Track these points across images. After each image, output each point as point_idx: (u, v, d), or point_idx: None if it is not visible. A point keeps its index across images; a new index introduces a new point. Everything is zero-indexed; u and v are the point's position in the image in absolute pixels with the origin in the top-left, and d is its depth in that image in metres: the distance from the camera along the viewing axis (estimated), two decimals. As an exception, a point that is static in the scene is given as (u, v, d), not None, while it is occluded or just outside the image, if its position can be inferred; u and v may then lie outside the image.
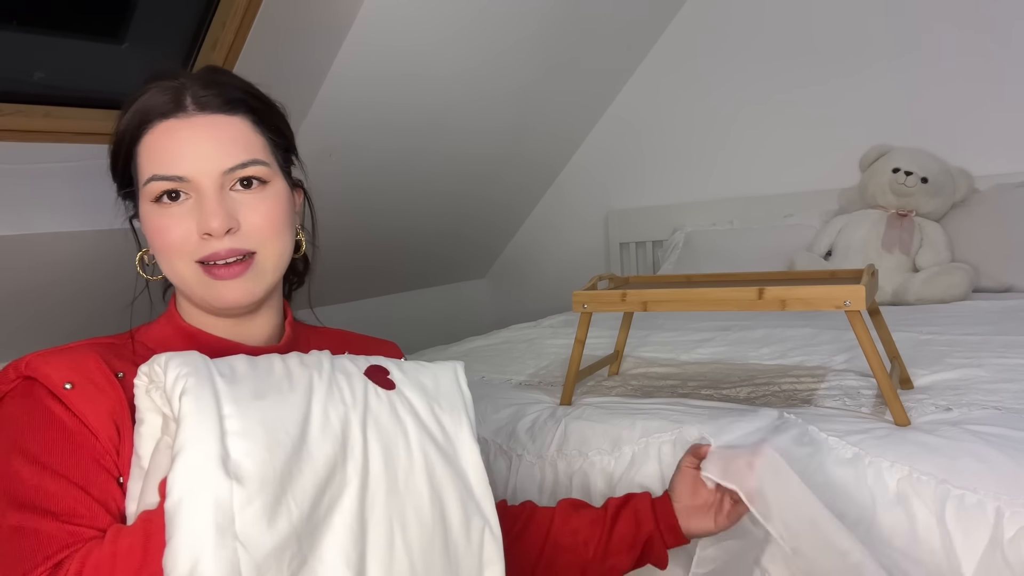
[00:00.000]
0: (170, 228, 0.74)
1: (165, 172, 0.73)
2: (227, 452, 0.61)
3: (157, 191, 0.74)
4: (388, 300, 3.11)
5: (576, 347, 1.31)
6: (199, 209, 0.74)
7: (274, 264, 0.78)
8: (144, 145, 0.75)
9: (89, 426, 0.67)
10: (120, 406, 0.69)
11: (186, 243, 0.74)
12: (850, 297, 1.04)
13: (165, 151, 0.74)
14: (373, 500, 0.68)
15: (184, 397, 0.62)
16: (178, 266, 0.75)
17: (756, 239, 2.61)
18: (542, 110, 2.85)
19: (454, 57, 2.28)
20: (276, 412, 0.65)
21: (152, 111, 0.75)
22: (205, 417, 0.62)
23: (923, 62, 2.50)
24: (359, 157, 2.33)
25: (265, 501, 0.61)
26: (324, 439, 0.67)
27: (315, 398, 0.69)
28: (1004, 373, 1.24)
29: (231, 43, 1.97)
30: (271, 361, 0.71)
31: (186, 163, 0.73)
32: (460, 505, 0.74)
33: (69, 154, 1.77)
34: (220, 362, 0.68)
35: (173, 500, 0.59)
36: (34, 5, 1.67)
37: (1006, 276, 2.15)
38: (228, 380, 0.65)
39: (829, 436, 1.01)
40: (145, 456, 0.66)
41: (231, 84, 0.78)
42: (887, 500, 0.92)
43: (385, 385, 0.75)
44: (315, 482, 0.65)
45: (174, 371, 0.64)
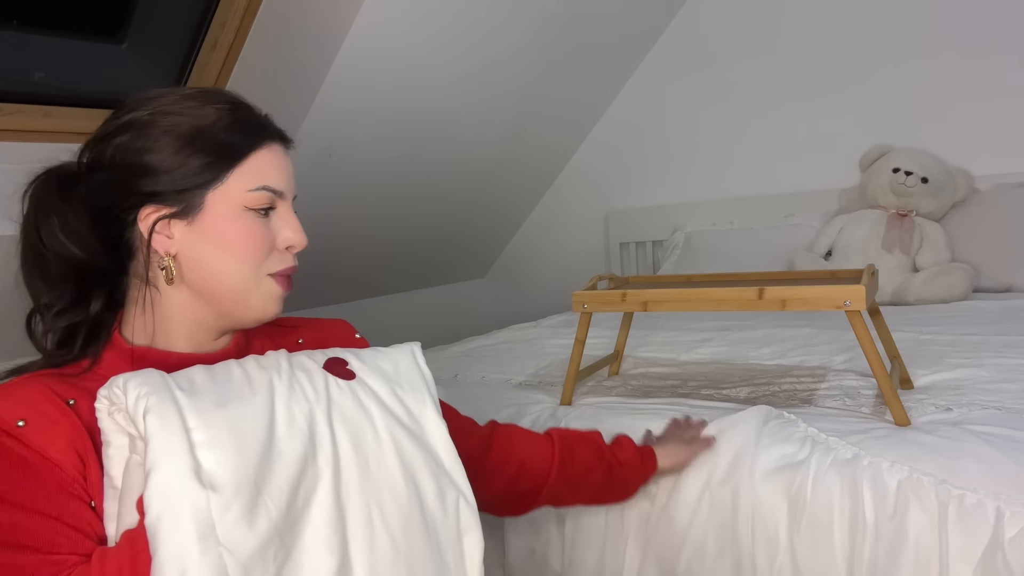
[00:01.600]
0: (263, 235, 0.78)
1: (276, 187, 0.79)
2: (198, 463, 0.63)
3: (263, 200, 0.78)
4: (388, 300, 3.11)
5: (576, 347, 1.31)
6: (283, 224, 0.80)
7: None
8: (257, 157, 0.79)
9: (50, 458, 0.67)
10: (77, 433, 0.69)
11: (267, 252, 0.79)
12: (850, 297, 1.04)
13: (275, 170, 0.80)
14: (348, 487, 0.71)
15: (148, 416, 0.63)
16: (250, 271, 0.78)
17: (756, 239, 2.61)
18: (542, 110, 2.85)
19: (453, 56, 2.28)
20: (241, 417, 0.67)
21: (267, 131, 0.81)
22: (172, 432, 0.63)
23: (923, 62, 2.49)
24: (359, 156, 2.33)
25: (243, 505, 0.63)
26: (292, 436, 0.69)
27: (278, 398, 0.71)
28: (1004, 373, 1.24)
29: (231, 43, 1.97)
30: (228, 368, 0.73)
31: (285, 183, 0.81)
32: (433, 479, 0.77)
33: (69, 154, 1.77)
34: (177, 376, 0.69)
35: (152, 516, 0.60)
36: (34, 5, 1.67)
37: (1006, 276, 2.15)
38: (188, 393, 0.67)
39: (829, 436, 1.01)
40: (117, 476, 0.67)
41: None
42: (887, 500, 0.92)
43: (345, 376, 0.77)
44: (288, 479, 0.67)
45: (134, 391, 0.65)
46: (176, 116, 0.76)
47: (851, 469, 0.95)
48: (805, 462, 0.98)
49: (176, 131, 0.76)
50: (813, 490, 0.96)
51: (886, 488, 0.92)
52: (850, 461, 0.96)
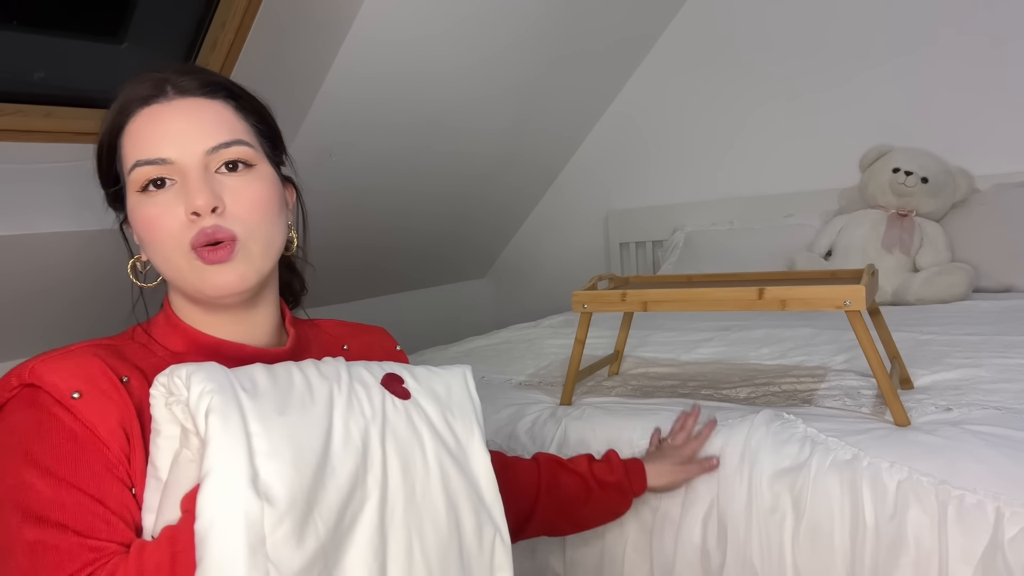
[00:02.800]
0: (159, 216, 0.72)
1: (149, 156, 0.72)
2: (256, 472, 0.61)
3: (143, 178, 0.72)
4: (388, 300, 3.11)
5: (576, 347, 1.31)
6: (185, 191, 0.72)
7: (263, 248, 0.76)
8: (127, 135, 0.74)
9: (100, 436, 0.65)
10: (128, 413, 0.67)
11: (175, 228, 0.72)
12: (850, 297, 1.04)
13: (148, 136, 0.72)
14: (392, 511, 0.69)
15: (211, 416, 0.61)
16: (172, 256, 0.73)
17: (756, 239, 2.61)
18: (542, 109, 2.85)
19: (453, 56, 2.28)
20: (300, 428, 0.65)
21: (132, 100, 0.74)
22: (233, 437, 0.61)
23: (923, 62, 2.49)
24: (359, 157, 2.33)
25: (294, 521, 0.61)
26: (346, 454, 0.67)
27: (336, 412, 0.69)
28: (1004, 373, 1.24)
29: (231, 43, 1.97)
30: (290, 372, 0.70)
31: (169, 146, 0.72)
32: (473, 513, 0.75)
33: (69, 154, 1.77)
34: (240, 374, 0.67)
35: (204, 522, 0.58)
36: (34, 5, 1.67)
37: (1006, 276, 2.15)
38: (251, 395, 0.65)
39: (829, 437, 1.01)
40: (162, 467, 0.65)
41: (210, 72, 0.79)
42: (887, 501, 0.91)
43: (401, 394, 0.75)
44: (339, 498, 0.65)
45: (198, 387, 0.63)
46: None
47: (851, 470, 0.95)
48: (805, 463, 0.98)
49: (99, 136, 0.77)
50: (813, 491, 0.96)
51: (886, 489, 0.92)
52: (850, 462, 0.96)
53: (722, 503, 1.02)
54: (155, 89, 0.74)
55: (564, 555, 1.16)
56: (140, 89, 0.74)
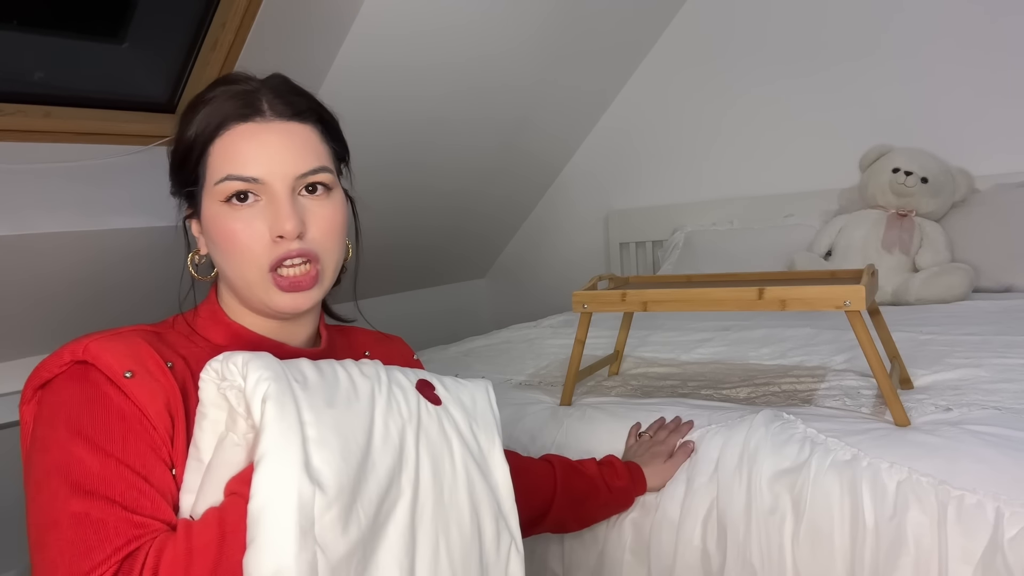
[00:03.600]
0: (242, 231, 0.74)
1: (240, 173, 0.74)
2: (309, 458, 0.63)
3: (230, 190, 0.74)
4: (388, 300, 3.11)
5: (576, 347, 1.31)
6: (272, 212, 0.75)
7: (332, 271, 0.81)
8: (218, 146, 0.76)
9: (148, 416, 0.67)
10: (174, 396, 0.69)
11: (257, 245, 0.75)
12: (850, 297, 1.04)
13: (241, 153, 0.75)
14: (422, 511, 0.71)
15: (268, 403, 0.63)
16: (247, 271, 0.75)
17: (756, 239, 2.61)
18: (542, 110, 2.85)
19: (453, 55, 2.28)
20: (347, 421, 0.67)
21: (229, 114, 0.76)
22: (288, 424, 0.63)
23: (923, 63, 2.49)
24: (359, 155, 2.32)
25: (341, 508, 0.63)
26: (385, 450, 0.69)
27: (377, 410, 0.71)
28: (1004, 373, 1.24)
29: (231, 43, 1.97)
30: (334, 369, 0.73)
31: (261, 165, 0.74)
32: (493, 521, 0.77)
33: (69, 154, 1.77)
34: (290, 367, 0.69)
35: (258, 502, 0.60)
36: (34, 5, 1.67)
37: (1006, 276, 2.15)
38: (303, 386, 0.67)
39: (828, 437, 1.01)
40: (205, 449, 0.66)
41: (302, 94, 0.82)
42: (887, 501, 0.91)
43: (433, 400, 0.78)
44: (378, 491, 0.67)
45: (255, 373, 0.65)
46: (181, 119, 0.79)
47: (850, 470, 0.95)
48: (805, 463, 0.98)
49: (177, 134, 0.79)
50: (813, 491, 0.96)
51: (885, 489, 0.92)
52: (849, 462, 0.96)
53: (722, 504, 1.02)
54: (251, 107, 0.76)
55: (563, 556, 1.16)
56: (235, 103, 0.76)
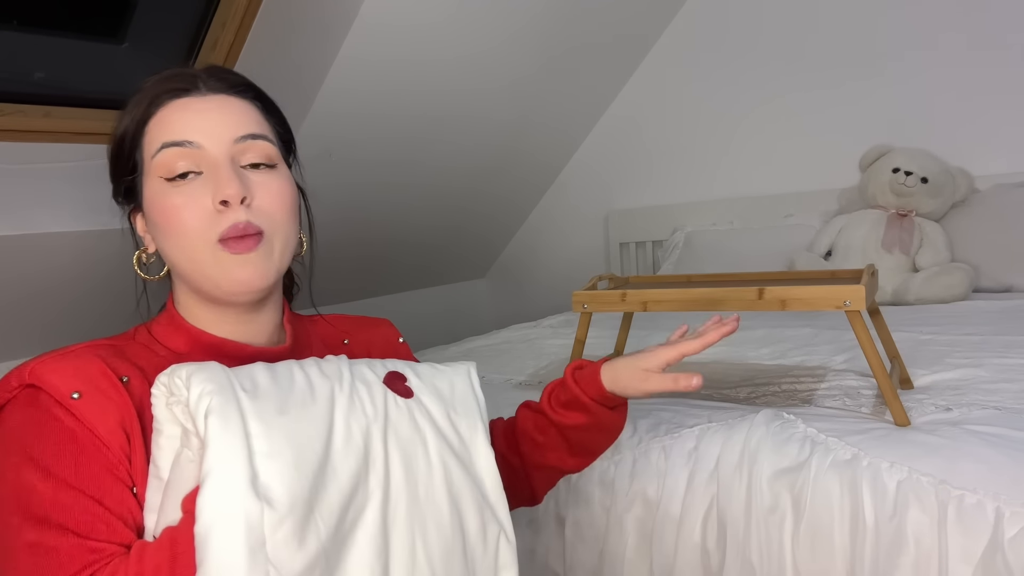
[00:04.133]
0: (183, 206, 0.71)
1: (176, 138, 0.72)
2: (256, 473, 0.60)
3: (168, 163, 0.72)
4: (388, 300, 3.11)
5: (576, 347, 1.31)
6: (213, 181, 0.72)
7: (281, 248, 0.76)
8: (154, 123, 0.74)
9: (99, 436, 0.65)
10: (128, 413, 0.67)
11: (201, 219, 0.71)
12: (850, 297, 1.04)
13: (177, 122, 0.73)
14: (395, 512, 0.69)
15: (210, 417, 0.61)
16: (194, 248, 0.72)
17: (756, 239, 2.61)
18: (542, 110, 2.85)
19: (453, 56, 2.28)
20: (301, 428, 0.65)
21: (163, 92, 0.75)
22: (232, 438, 0.61)
23: (923, 62, 2.49)
24: (359, 156, 2.33)
25: (294, 522, 0.61)
26: (347, 454, 0.67)
27: (337, 411, 0.68)
28: (1004, 373, 1.24)
29: (231, 43, 1.97)
30: (291, 371, 0.70)
31: (198, 132, 0.73)
32: (477, 512, 0.74)
33: (69, 154, 1.77)
34: (241, 373, 0.66)
35: (204, 524, 0.58)
36: (34, 5, 1.67)
37: (1006, 276, 2.15)
38: (251, 395, 0.64)
39: (828, 437, 1.01)
40: (164, 467, 0.65)
41: (239, 75, 0.80)
42: (887, 501, 0.91)
43: (403, 393, 0.75)
44: (340, 499, 0.65)
45: (197, 387, 0.63)
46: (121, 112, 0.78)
47: (851, 470, 0.95)
48: (805, 463, 0.98)
49: (116, 126, 0.77)
50: (813, 491, 0.96)
51: (886, 489, 0.92)
52: (849, 462, 0.96)
53: (722, 503, 1.02)
54: (187, 83, 0.75)
55: (564, 555, 1.16)
56: (171, 83, 0.75)
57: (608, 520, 1.12)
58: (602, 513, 1.13)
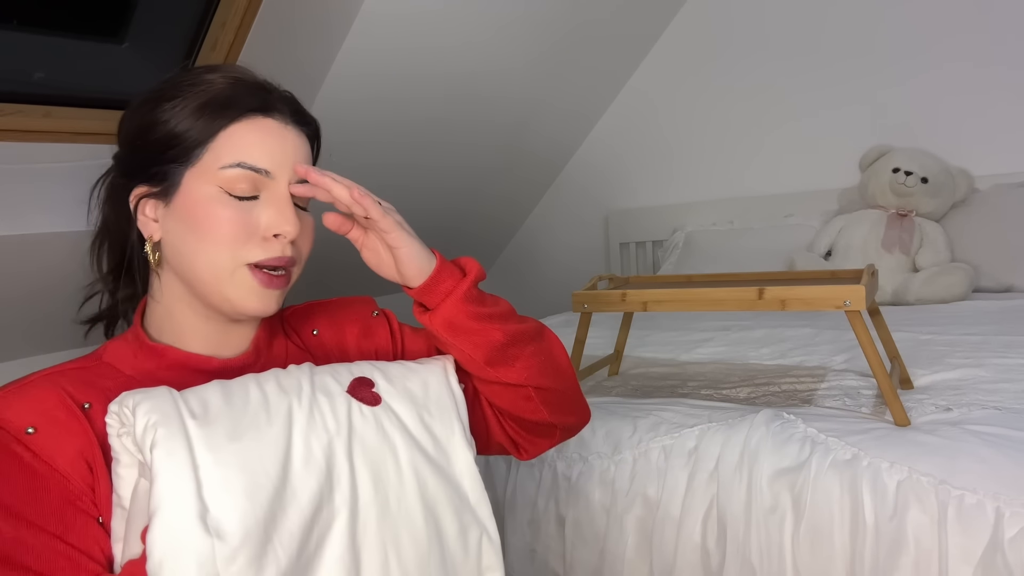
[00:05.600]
0: (234, 219, 0.71)
1: (255, 163, 0.72)
2: (205, 507, 0.59)
3: (237, 179, 0.72)
4: (388, 300, 3.10)
5: (576, 347, 1.31)
6: (274, 209, 0.73)
7: (296, 279, 0.79)
8: (232, 132, 0.73)
9: (59, 469, 0.64)
10: (89, 442, 0.65)
11: (242, 239, 0.72)
12: (850, 297, 1.04)
13: (257, 145, 0.73)
14: (365, 527, 0.67)
15: (155, 450, 0.59)
16: (223, 260, 0.71)
17: (756, 239, 2.61)
18: (542, 110, 2.85)
19: (453, 55, 2.28)
20: (254, 453, 0.63)
21: (249, 104, 0.74)
22: (179, 471, 0.59)
23: (923, 62, 2.49)
24: (359, 157, 2.33)
25: (249, 554, 0.59)
26: (308, 473, 0.65)
27: (295, 429, 0.66)
28: (1004, 373, 1.24)
29: (231, 43, 1.97)
30: (246, 389, 0.68)
31: (275, 161, 0.73)
32: (455, 517, 0.73)
33: (69, 154, 1.77)
34: (191, 397, 0.64)
35: (155, 561, 0.57)
36: (34, 5, 1.67)
37: (1006, 276, 2.15)
38: (201, 421, 0.62)
39: (828, 437, 1.01)
40: (125, 497, 0.64)
41: (302, 107, 0.82)
42: (887, 501, 0.91)
43: (370, 400, 0.72)
44: (301, 522, 0.63)
45: (143, 419, 0.61)
46: (173, 91, 0.74)
47: (851, 470, 0.95)
48: (805, 463, 0.98)
49: (164, 106, 0.73)
50: (813, 491, 0.96)
51: (886, 489, 0.92)
52: (849, 462, 0.96)
53: (722, 503, 1.02)
54: (265, 102, 0.75)
55: (564, 555, 1.16)
56: (256, 96, 0.75)
57: (608, 520, 1.12)
58: (602, 513, 1.13)
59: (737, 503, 1.01)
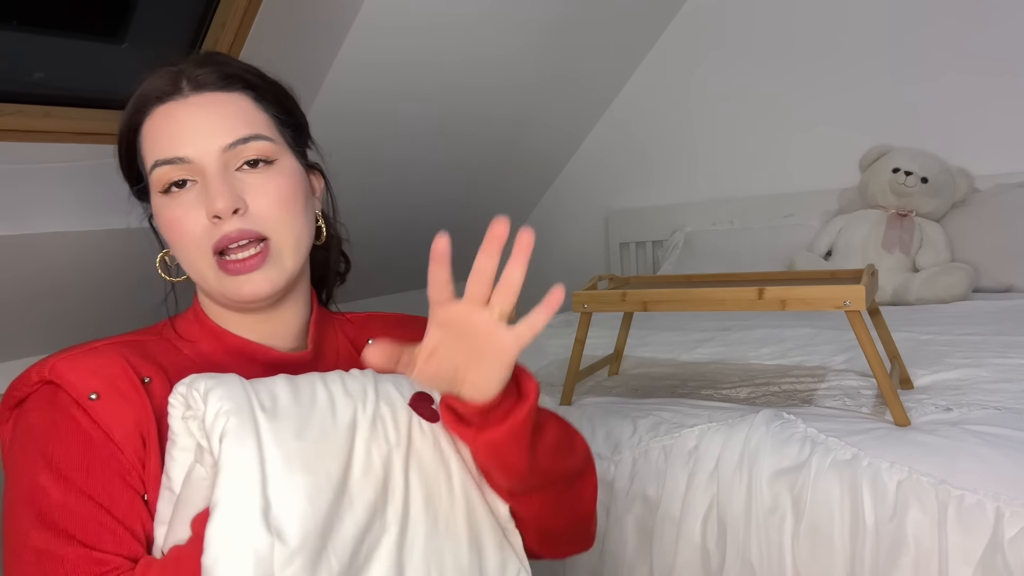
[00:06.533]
0: (181, 219, 0.70)
1: (166, 155, 0.69)
2: (268, 504, 0.57)
3: (163, 179, 0.70)
4: (388, 300, 3.11)
5: (576, 347, 1.31)
6: (205, 193, 0.69)
7: (292, 249, 0.73)
8: (144, 133, 0.72)
9: (115, 439, 0.64)
10: (146, 416, 0.65)
11: (197, 230, 0.69)
12: (850, 297, 1.04)
13: (164, 135, 0.70)
14: (412, 545, 0.65)
15: (225, 440, 0.58)
16: (196, 260, 0.71)
17: (756, 239, 2.61)
18: (542, 110, 2.85)
19: (453, 57, 2.28)
20: (319, 455, 0.61)
21: (148, 96, 0.72)
22: (246, 465, 0.58)
23: (923, 62, 2.49)
24: (358, 157, 2.33)
25: (306, 558, 0.57)
26: (366, 483, 0.63)
27: (359, 436, 0.65)
28: (1004, 373, 1.24)
29: (231, 43, 1.97)
30: (314, 388, 0.66)
31: (186, 144, 0.69)
32: (498, 549, 0.70)
33: (69, 154, 1.76)
34: (261, 389, 0.63)
35: (211, 556, 0.55)
36: (34, 5, 1.67)
37: (1006, 276, 2.15)
38: (270, 415, 0.61)
39: (828, 437, 1.01)
40: (176, 480, 0.62)
41: (227, 63, 0.75)
42: (887, 501, 0.91)
43: (429, 416, 0.70)
44: (355, 532, 0.61)
45: (215, 405, 0.59)
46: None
47: (851, 470, 0.95)
48: (805, 463, 0.98)
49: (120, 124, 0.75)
50: (813, 491, 0.96)
51: (886, 489, 0.92)
52: (849, 462, 0.96)
53: (722, 503, 1.02)
54: (170, 85, 0.72)
55: (564, 555, 1.16)
56: (156, 85, 0.72)
57: (608, 520, 1.12)
58: (602, 513, 1.13)
59: (737, 503, 1.01)
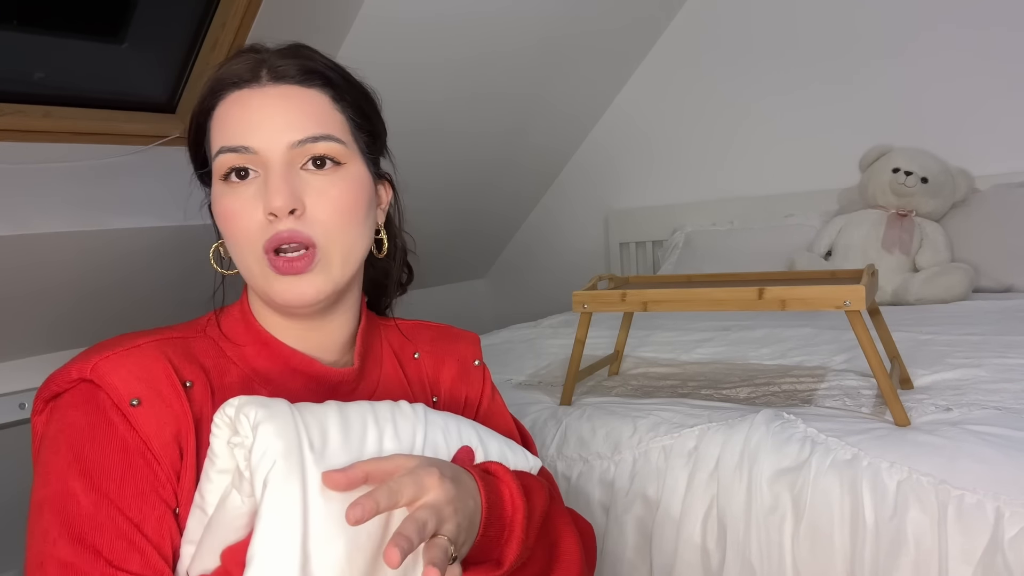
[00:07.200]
0: (238, 212, 0.67)
1: (232, 143, 0.66)
2: (307, 559, 0.55)
3: (226, 166, 0.67)
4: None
5: (576, 347, 1.31)
6: (265, 188, 0.66)
7: (343, 258, 0.70)
8: (216, 117, 0.69)
9: (152, 449, 0.62)
10: (186, 424, 0.63)
11: (252, 227, 0.66)
12: (850, 297, 1.04)
13: (234, 121, 0.67)
14: None
15: (269, 487, 0.55)
16: (245, 256, 0.68)
17: (756, 239, 2.61)
18: (542, 110, 2.85)
19: (453, 55, 2.28)
20: None
21: (225, 80, 0.69)
22: (289, 518, 0.55)
23: (923, 62, 2.49)
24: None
25: None
26: None
27: None
28: (1004, 373, 1.24)
29: (231, 43, 1.97)
30: (365, 425, 0.63)
31: (254, 134, 0.66)
32: None
33: (69, 154, 1.77)
34: (312, 420, 0.60)
35: None
36: (34, 5, 1.67)
37: (1006, 276, 2.15)
38: (318, 456, 0.58)
39: (829, 437, 1.01)
40: (211, 503, 0.60)
41: (311, 57, 0.73)
42: (887, 501, 0.91)
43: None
44: None
45: (263, 442, 0.56)
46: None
47: (851, 470, 0.95)
48: (805, 463, 0.98)
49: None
50: (813, 491, 0.96)
51: (886, 489, 0.92)
52: (850, 462, 0.96)
53: (722, 503, 1.02)
54: (249, 72, 0.69)
55: (564, 555, 1.16)
56: (235, 70, 0.69)
57: (608, 520, 1.12)
58: (602, 513, 1.13)
59: (737, 503, 1.01)
